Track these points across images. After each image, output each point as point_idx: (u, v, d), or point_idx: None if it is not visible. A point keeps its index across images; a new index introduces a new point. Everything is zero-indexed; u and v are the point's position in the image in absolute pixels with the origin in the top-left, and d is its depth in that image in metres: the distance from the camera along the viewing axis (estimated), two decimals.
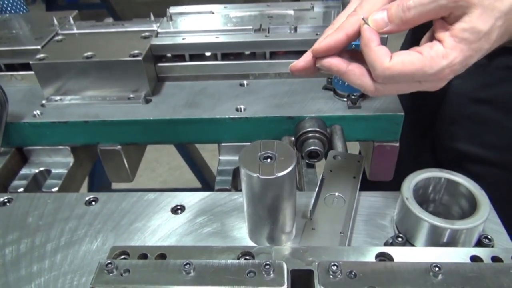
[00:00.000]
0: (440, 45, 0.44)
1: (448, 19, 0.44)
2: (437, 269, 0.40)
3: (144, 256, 0.46)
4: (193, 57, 0.84)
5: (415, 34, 0.89)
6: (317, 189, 0.57)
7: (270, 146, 0.48)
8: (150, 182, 2.35)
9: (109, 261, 0.42)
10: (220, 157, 0.79)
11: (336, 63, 0.48)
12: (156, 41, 0.81)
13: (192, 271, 0.42)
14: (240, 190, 0.62)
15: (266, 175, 0.45)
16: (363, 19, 0.46)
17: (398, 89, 0.48)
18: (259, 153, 0.47)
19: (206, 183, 1.73)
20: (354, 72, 0.47)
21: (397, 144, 0.75)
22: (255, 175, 0.45)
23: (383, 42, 0.77)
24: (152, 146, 0.86)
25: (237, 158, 0.78)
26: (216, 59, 0.83)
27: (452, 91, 0.80)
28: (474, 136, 0.80)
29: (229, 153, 0.78)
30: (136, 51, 0.77)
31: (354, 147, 0.76)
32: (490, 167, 0.75)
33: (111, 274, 0.42)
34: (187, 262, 0.42)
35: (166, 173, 2.44)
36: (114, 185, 1.69)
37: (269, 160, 0.47)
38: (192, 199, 0.60)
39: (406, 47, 0.78)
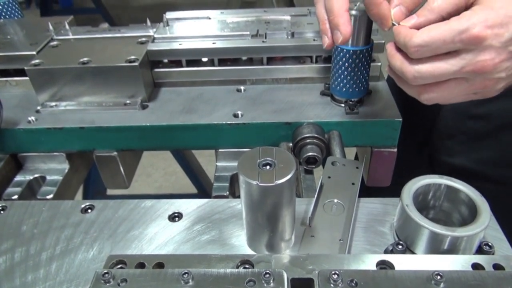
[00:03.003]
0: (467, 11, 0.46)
1: None
2: (439, 277, 0.40)
3: (141, 265, 0.45)
4: (189, 63, 0.83)
5: None
6: (316, 195, 0.56)
7: (269, 153, 0.47)
8: (145, 188, 2.33)
9: (105, 271, 0.42)
10: (217, 163, 0.78)
11: (391, 46, 0.54)
12: (152, 47, 0.81)
13: (190, 280, 0.41)
14: (238, 197, 0.62)
15: (266, 183, 0.44)
16: (392, 23, 0.53)
17: (436, 69, 0.49)
18: (258, 160, 0.46)
19: (203, 188, 1.72)
20: (399, 57, 0.52)
21: (395, 150, 0.75)
22: (254, 182, 0.44)
23: (380, 48, 0.78)
24: (148, 151, 0.85)
25: (234, 164, 0.78)
26: (213, 65, 0.83)
27: (448, 107, 0.80)
28: (470, 152, 0.80)
29: (226, 159, 0.78)
30: (132, 57, 0.76)
31: (350, 153, 0.76)
32: (486, 183, 0.75)
33: (107, 284, 0.41)
34: (186, 271, 0.42)
35: (162, 178, 2.43)
36: (109, 191, 1.68)
37: (268, 167, 0.46)
38: (190, 206, 0.59)
39: None
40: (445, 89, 0.52)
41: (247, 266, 0.45)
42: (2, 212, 0.60)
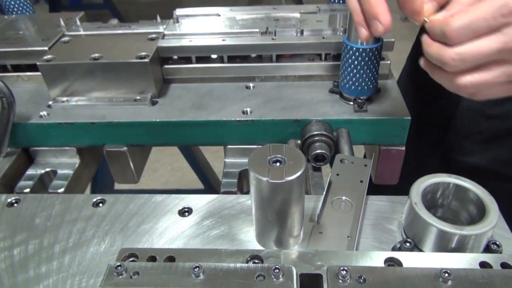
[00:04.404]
0: None
1: None
2: (446, 275, 0.40)
3: (153, 259, 0.46)
4: (199, 59, 0.84)
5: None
6: (324, 192, 0.57)
7: (279, 150, 0.48)
8: (152, 183, 2.35)
9: (118, 263, 0.43)
10: (226, 160, 0.79)
11: (427, 38, 0.52)
12: (162, 43, 0.81)
13: (201, 274, 0.42)
14: (246, 193, 0.63)
15: (276, 179, 0.45)
16: (424, 19, 0.52)
17: (477, 47, 0.47)
18: (269, 157, 0.47)
19: (209, 184, 1.73)
20: (436, 44, 0.51)
21: (403, 148, 0.75)
22: (265, 179, 0.45)
23: (390, 47, 0.78)
24: (155, 147, 0.86)
25: (242, 160, 0.79)
26: (223, 62, 0.83)
27: (464, 107, 0.80)
28: (487, 151, 0.80)
29: (235, 156, 0.79)
30: (143, 53, 0.77)
31: (358, 151, 0.76)
32: (503, 182, 0.75)
33: (120, 277, 0.42)
34: (196, 265, 0.42)
35: (169, 173, 2.44)
36: (116, 186, 1.69)
37: (278, 164, 0.47)
38: (200, 202, 0.60)
39: (414, 50, 0.77)
40: (484, 72, 0.49)
41: (256, 261, 0.46)
42: (15, 205, 0.61)
